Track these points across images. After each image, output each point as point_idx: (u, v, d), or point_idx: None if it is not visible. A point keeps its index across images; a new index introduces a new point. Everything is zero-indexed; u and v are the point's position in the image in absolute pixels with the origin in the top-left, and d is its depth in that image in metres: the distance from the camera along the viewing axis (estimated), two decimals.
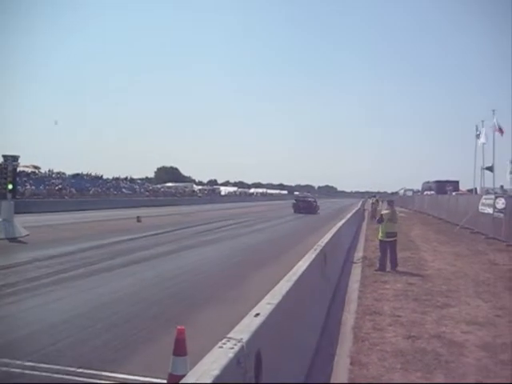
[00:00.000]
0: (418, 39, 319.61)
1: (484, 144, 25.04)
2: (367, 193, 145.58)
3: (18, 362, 5.07)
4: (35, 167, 48.82)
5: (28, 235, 16.78)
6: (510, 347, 5.87)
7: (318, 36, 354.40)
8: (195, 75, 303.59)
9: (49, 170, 53.22)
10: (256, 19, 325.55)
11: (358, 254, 14.63)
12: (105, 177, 62.73)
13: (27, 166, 46.52)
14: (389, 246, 11.54)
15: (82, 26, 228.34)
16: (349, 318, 7.31)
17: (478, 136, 27.14)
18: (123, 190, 61.44)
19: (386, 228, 11.67)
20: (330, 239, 10.29)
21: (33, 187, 42.64)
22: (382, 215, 12.02)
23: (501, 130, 23.29)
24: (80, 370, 4.95)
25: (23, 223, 18.26)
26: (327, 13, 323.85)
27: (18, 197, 23.42)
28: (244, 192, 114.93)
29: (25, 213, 27.23)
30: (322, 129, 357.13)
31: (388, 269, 11.28)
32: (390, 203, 12.48)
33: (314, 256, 7.34)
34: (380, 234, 11.90)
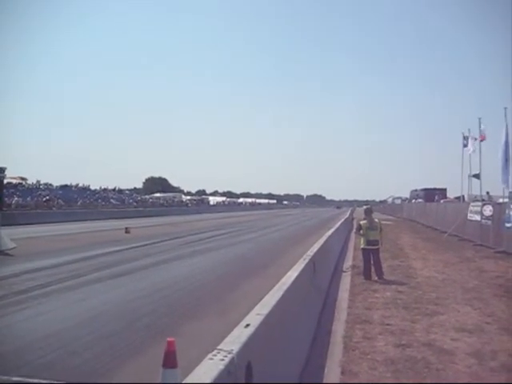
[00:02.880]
0: (409, 51, 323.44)
1: (472, 152, 25.21)
2: (356, 201, 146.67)
3: (5, 377, 5.00)
4: (22, 178, 48.44)
5: (15, 247, 16.59)
6: (500, 354, 5.90)
7: (309, 48, 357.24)
8: (184, 86, 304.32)
9: (36, 182, 52.97)
10: (244, 24, 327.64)
11: (348, 262, 14.63)
12: (92, 188, 62.58)
13: (14, 178, 46.12)
14: (372, 255, 11.57)
15: (72, 41, 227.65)
16: (339, 327, 7.30)
17: (465, 145, 27.33)
18: (112, 200, 61.23)
19: (367, 236, 11.73)
20: (319, 248, 10.30)
21: (20, 199, 42.32)
22: (360, 225, 12.10)
23: (482, 136, 23.49)
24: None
25: (10, 235, 18.04)
26: (318, 19, 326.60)
27: (4, 209, 23.22)
28: (233, 202, 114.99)
29: (12, 225, 26.96)
30: (310, 138, 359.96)
31: (375, 278, 11.30)
32: (367, 212, 12.43)
33: (303, 266, 7.34)
34: (361, 242, 11.97)
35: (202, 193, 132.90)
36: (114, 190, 68.86)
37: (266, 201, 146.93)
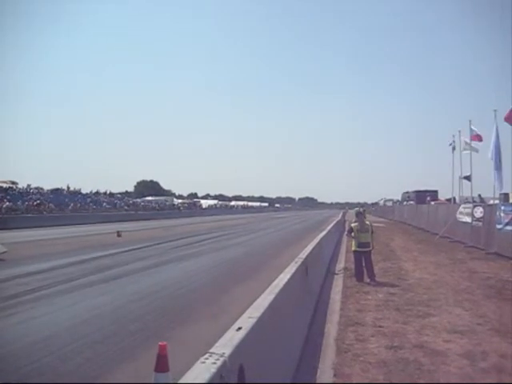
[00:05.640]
0: (400, 54, 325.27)
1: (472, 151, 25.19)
2: (347, 204, 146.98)
3: None
4: (13, 183, 48.32)
5: (6, 252, 16.47)
6: (491, 355, 5.92)
7: (300, 50, 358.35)
8: (175, 90, 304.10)
9: (27, 186, 52.66)
10: (234, 25, 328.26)
11: (340, 265, 14.67)
12: (84, 191, 62.31)
13: (4, 182, 46.03)
14: (363, 257, 11.60)
15: (62, 46, 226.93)
16: (331, 329, 7.31)
17: (453, 147, 27.30)
18: (104, 204, 60.99)
19: (358, 239, 11.77)
20: (311, 251, 10.30)
21: (10, 203, 42.05)
22: (351, 227, 12.15)
23: (479, 137, 23.47)
24: None
25: (0, 240, 17.96)
26: (312, 19, 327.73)
27: None
28: (225, 205, 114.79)
29: (2, 229, 26.86)
30: (302, 141, 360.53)
31: (367, 280, 11.33)
32: (358, 215, 12.45)
33: (295, 268, 7.34)
34: (353, 245, 12.02)
35: (193, 196, 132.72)
36: (105, 193, 68.60)
37: (257, 204, 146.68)
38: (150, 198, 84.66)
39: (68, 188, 60.02)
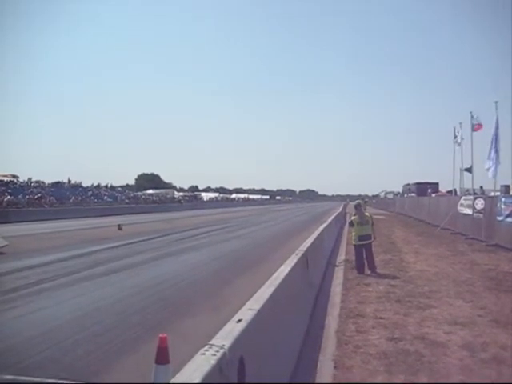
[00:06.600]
0: (400, 47, 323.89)
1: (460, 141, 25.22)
2: (348, 196, 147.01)
3: None
4: (14, 176, 48.29)
5: (7, 245, 16.48)
6: (491, 346, 5.93)
7: (302, 45, 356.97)
8: (175, 90, 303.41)
9: (28, 179, 52.64)
10: (232, 22, 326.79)
11: (340, 257, 14.66)
12: (85, 185, 62.32)
13: (5, 175, 46.02)
14: (364, 249, 11.59)
15: (66, 37, 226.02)
16: (332, 321, 7.31)
17: (456, 140, 27.27)
18: (105, 197, 60.99)
19: (358, 232, 11.74)
20: (312, 243, 10.29)
21: (11, 196, 42.06)
22: (352, 221, 12.12)
23: (481, 126, 23.46)
24: (61, 382, 4.86)
25: (1, 233, 17.95)
26: (311, 17, 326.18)
27: None
28: (226, 198, 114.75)
29: (3, 223, 26.87)
30: (303, 134, 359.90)
31: (368, 272, 11.32)
32: (357, 207, 12.42)
33: (295, 260, 7.34)
34: (353, 238, 12.02)
35: (194, 189, 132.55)
36: (106, 186, 68.58)
37: (258, 196, 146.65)
38: (150, 191, 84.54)
39: (69, 181, 59.98)
